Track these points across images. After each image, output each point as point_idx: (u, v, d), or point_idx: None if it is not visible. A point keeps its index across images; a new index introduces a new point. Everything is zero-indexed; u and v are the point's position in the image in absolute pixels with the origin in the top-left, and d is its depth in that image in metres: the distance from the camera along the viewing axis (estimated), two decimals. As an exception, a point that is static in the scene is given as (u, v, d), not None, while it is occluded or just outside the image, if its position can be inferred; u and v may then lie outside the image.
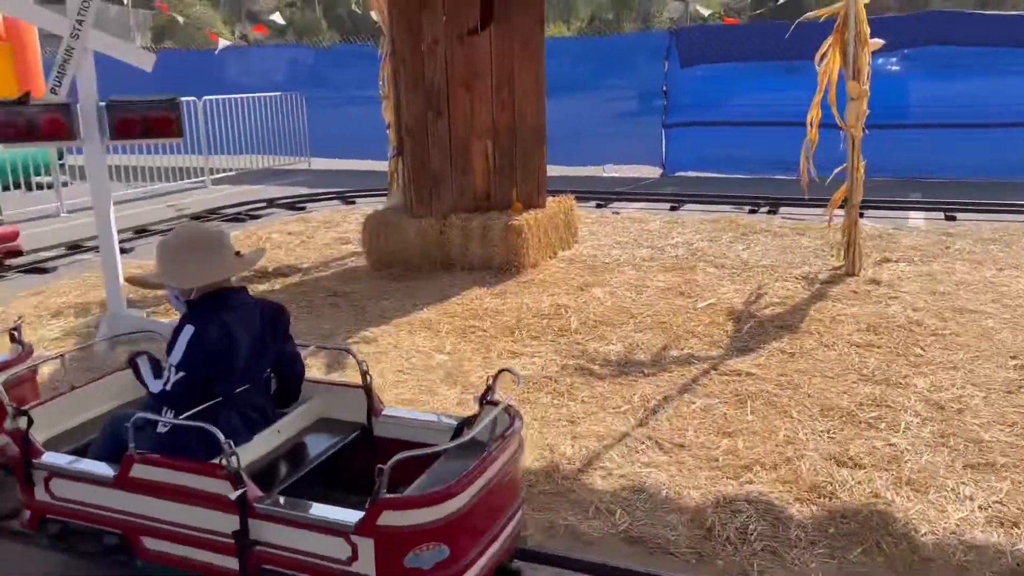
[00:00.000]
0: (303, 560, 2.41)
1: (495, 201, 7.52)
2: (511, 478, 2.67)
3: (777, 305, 5.88)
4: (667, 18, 41.91)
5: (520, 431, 2.72)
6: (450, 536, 2.34)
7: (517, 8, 7.16)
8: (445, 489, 2.33)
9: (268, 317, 2.88)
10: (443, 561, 2.33)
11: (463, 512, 2.36)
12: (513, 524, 2.71)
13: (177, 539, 2.60)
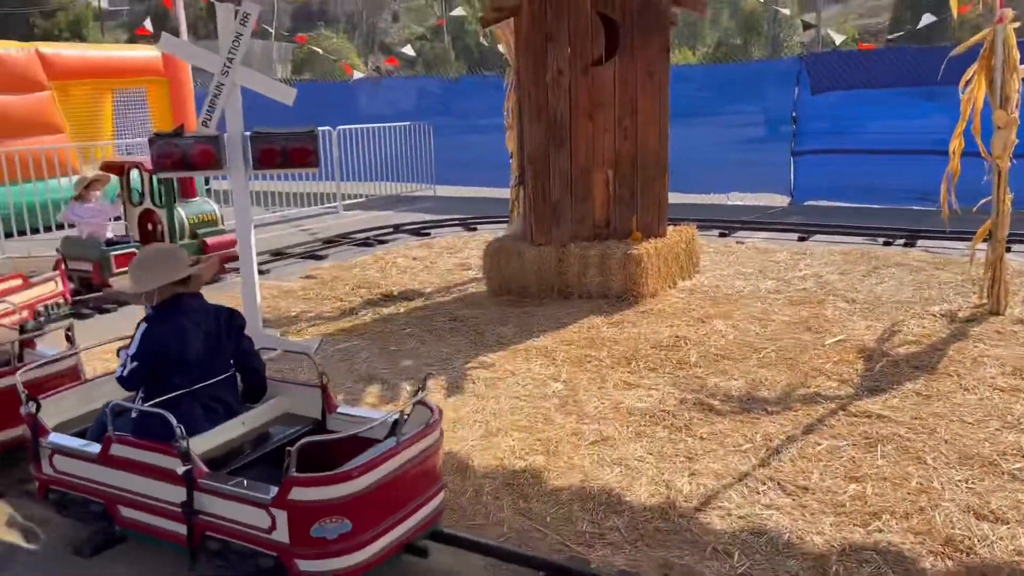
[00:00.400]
0: (236, 528, 2.87)
1: (615, 230, 7.51)
2: (424, 467, 3.06)
3: (913, 344, 5.58)
4: (797, 43, 40.81)
5: (436, 428, 3.13)
6: (352, 512, 2.75)
7: (642, 39, 7.17)
8: (346, 471, 2.76)
9: (223, 319, 3.45)
10: (346, 533, 2.74)
11: (365, 492, 2.77)
12: (427, 508, 3.10)
13: (144, 508, 3.12)
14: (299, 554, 2.75)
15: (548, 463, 3.98)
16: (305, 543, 2.73)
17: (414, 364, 5.60)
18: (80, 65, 13.19)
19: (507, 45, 8.03)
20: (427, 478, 3.10)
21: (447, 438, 4.28)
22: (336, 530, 2.73)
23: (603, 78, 7.20)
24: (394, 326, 6.60)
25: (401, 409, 3.02)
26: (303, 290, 8.01)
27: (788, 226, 10.64)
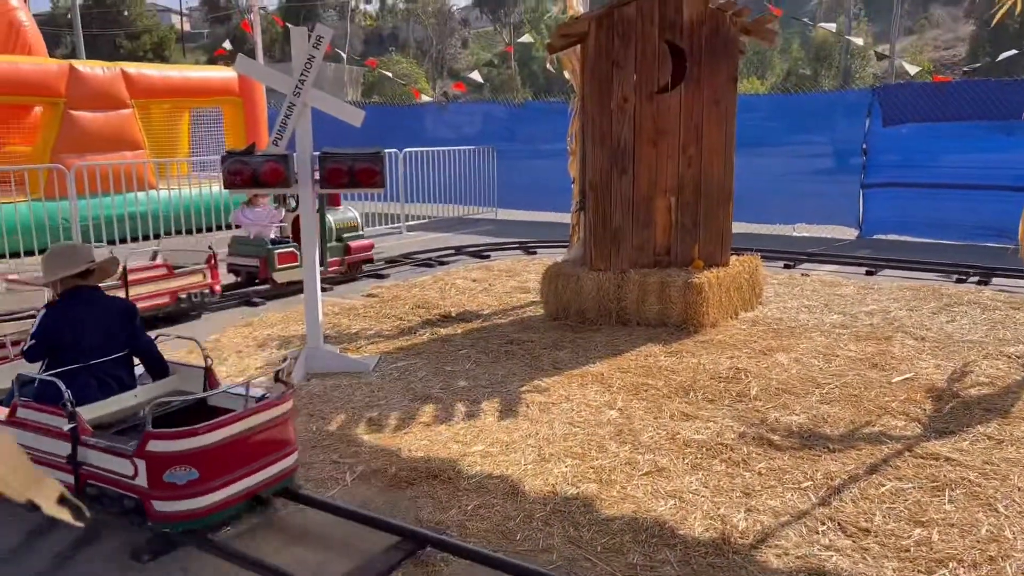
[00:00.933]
0: (108, 476, 3.41)
1: (676, 258, 7.44)
2: (272, 432, 3.65)
3: (985, 385, 5.36)
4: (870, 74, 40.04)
5: (284, 401, 3.70)
6: (198, 462, 3.33)
7: (710, 67, 7.13)
8: (193, 429, 3.33)
9: (118, 310, 4.06)
10: (193, 480, 3.33)
11: (211, 447, 3.36)
12: (276, 467, 3.69)
13: (43, 463, 3.50)
14: (154, 496, 3.32)
15: (601, 492, 3.93)
16: (159, 487, 3.31)
17: (469, 385, 5.62)
18: (160, 84, 13.73)
19: (573, 71, 8.07)
20: (275, 442, 3.70)
21: (499, 461, 4.29)
22: (185, 477, 3.32)
23: (668, 105, 7.17)
24: (451, 347, 6.63)
25: (246, 383, 3.67)
26: (364, 308, 8.12)
27: (855, 260, 10.38)
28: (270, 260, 8.79)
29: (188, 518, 3.37)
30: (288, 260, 8.84)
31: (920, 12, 52.12)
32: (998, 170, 11.67)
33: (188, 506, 3.34)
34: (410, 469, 4.23)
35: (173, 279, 7.21)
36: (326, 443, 4.65)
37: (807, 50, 44.16)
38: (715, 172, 7.33)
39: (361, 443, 4.63)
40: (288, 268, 8.84)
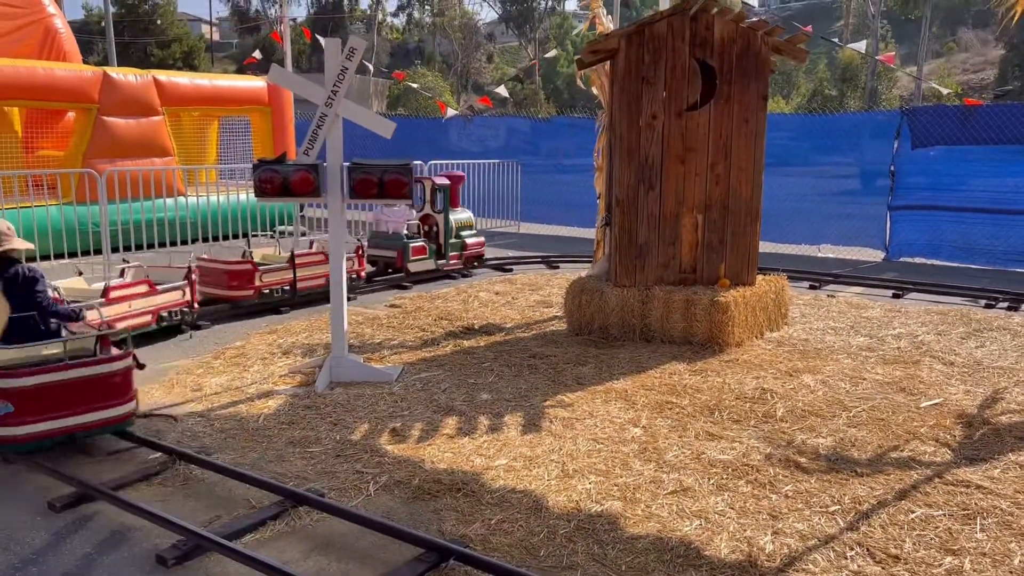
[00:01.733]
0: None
1: (701, 276, 7.40)
2: (95, 384, 4.46)
3: (1016, 413, 5.28)
4: (896, 96, 39.80)
5: (112, 361, 4.54)
6: (12, 399, 4.24)
7: (740, 85, 7.12)
8: (11, 370, 4.26)
9: (22, 276, 4.60)
10: (8, 414, 4.24)
11: (27, 388, 4.26)
12: (98, 414, 4.49)
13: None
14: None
15: (625, 510, 3.90)
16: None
17: (491, 398, 5.60)
18: (191, 93, 13.89)
19: (601, 87, 8.08)
20: (99, 392, 4.48)
21: (522, 476, 4.27)
22: (3, 409, 4.23)
23: (697, 123, 7.16)
24: (474, 359, 6.63)
25: (66, 340, 4.52)
26: (387, 318, 8.14)
27: (882, 282, 10.29)
28: (405, 252, 10.28)
29: (6, 442, 4.30)
30: (419, 252, 10.43)
31: (948, 35, 51.80)
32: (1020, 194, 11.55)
33: (5, 432, 4.26)
34: (433, 481, 4.22)
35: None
36: (349, 452, 4.65)
37: (833, 70, 43.97)
38: (743, 191, 7.30)
39: (384, 453, 4.62)
40: (419, 259, 10.44)
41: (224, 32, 67.70)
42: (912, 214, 12.60)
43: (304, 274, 8.77)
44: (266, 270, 8.48)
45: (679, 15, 6.99)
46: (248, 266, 8.36)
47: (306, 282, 8.80)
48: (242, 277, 8.32)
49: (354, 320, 7.97)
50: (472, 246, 11.12)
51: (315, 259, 8.89)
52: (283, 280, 8.64)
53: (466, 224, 11.18)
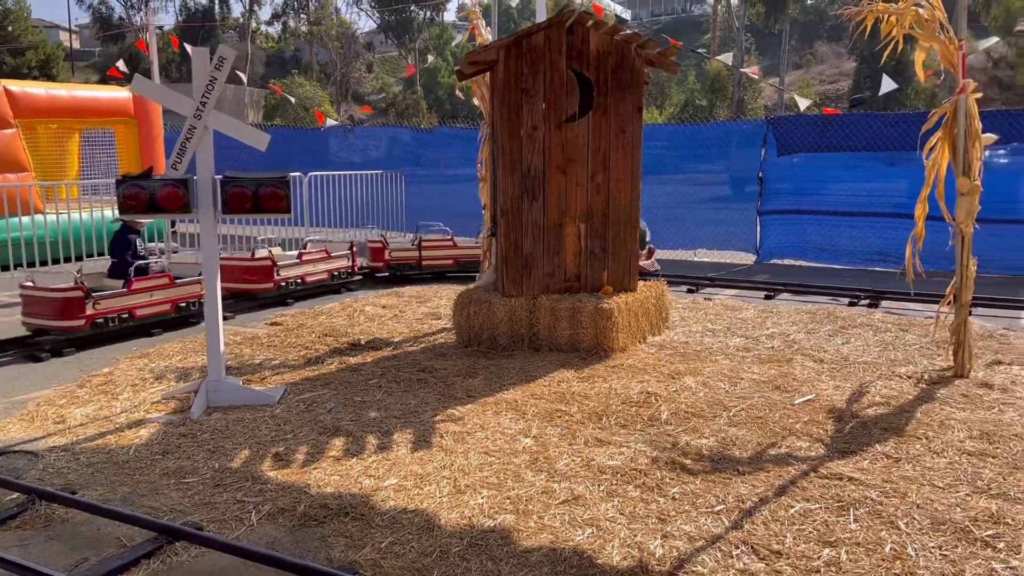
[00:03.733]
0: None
1: (586, 283, 7.51)
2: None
3: (881, 405, 5.60)
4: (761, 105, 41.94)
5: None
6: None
7: (616, 97, 7.28)
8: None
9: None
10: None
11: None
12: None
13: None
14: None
15: (518, 523, 3.87)
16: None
17: (380, 416, 5.48)
18: (48, 104, 13.04)
19: (482, 98, 8.10)
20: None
21: (413, 495, 4.18)
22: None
23: (577, 133, 7.27)
24: (361, 376, 6.47)
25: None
26: (268, 337, 7.86)
27: (754, 284, 10.76)
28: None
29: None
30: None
31: (806, 48, 55.03)
32: (881, 198, 12.37)
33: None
34: (320, 506, 4.07)
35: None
36: (229, 481, 4.43)
37: (702, 82, 45.91)
38: (622, 199, 7.46)
39: (267, 480, 4.43)
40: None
41: (85, 40, 64.11)
42: (780, 218, 13.26)
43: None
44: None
45: (555, 27, 7.09)
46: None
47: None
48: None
49: (232, 340, 7.65)
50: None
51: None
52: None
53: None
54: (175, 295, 8.33)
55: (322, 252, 10.52)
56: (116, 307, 7.81)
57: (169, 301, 8.26)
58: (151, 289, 8.11)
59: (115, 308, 7.80)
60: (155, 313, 8.18)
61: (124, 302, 7.87)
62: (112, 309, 7.78)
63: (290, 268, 9.96)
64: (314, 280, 10.29)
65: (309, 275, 10.22)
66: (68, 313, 7.46)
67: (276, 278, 9.74)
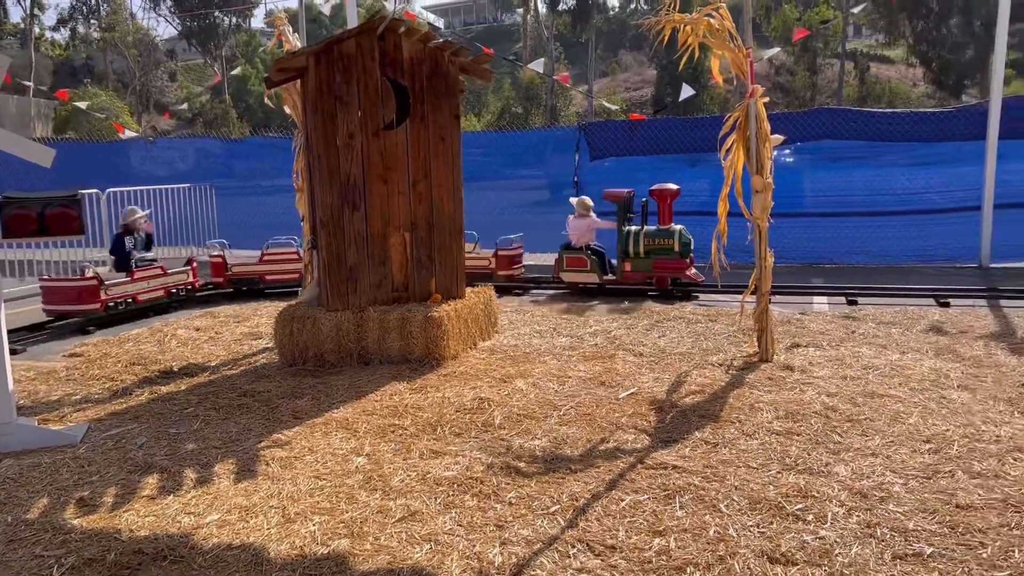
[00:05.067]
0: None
1: (414, 293, 7.43)
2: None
3: (697, 393, 5.92)
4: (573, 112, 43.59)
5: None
6: None
7: (433, 104, 7.26)
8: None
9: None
10: None
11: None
12: None
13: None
14: None
15: (353, 547, 3.73)
16: None
17: (198, 448, 5.12)
18: None
19: (294, 107, 7.82)
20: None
21: (238, 529, 3.93)
22: None
23: (395, 141, 7.18)
24: (174, 406, 6.04)
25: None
26: (67, 370, 7.16)
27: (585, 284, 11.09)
28: (560, 262, 10.41)
29: None
30: (576, 264, 10.37)
31: (611, 57, 57.81)
32: (687, 198, 13.13)
33: None
34: (133, 552, 3.73)
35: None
36: (25, 535, 3.97)
37: (517, 90, 47.07)
38: (446, 207, 7.45)
39: (70, 529, 4.01)
40: (576, 271, 10.37)
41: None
42: (597, 220, 13.77)
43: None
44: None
45: (367, 34, 6.96)
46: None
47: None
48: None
49: (24, 376, 6.91)
50: (660, 267, 10.12)
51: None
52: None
53: (663, 245, 10.14)
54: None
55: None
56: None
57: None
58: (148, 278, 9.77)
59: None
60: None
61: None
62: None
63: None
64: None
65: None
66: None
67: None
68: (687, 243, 10.15)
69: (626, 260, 10.27)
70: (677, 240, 10.10)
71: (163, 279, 10.11)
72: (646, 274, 10.21)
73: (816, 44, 40.45)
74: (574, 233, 10.59)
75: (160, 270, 10.06)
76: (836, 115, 13.16)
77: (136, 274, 9.66)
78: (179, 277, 10.41)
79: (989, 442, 4.68)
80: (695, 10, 6.58)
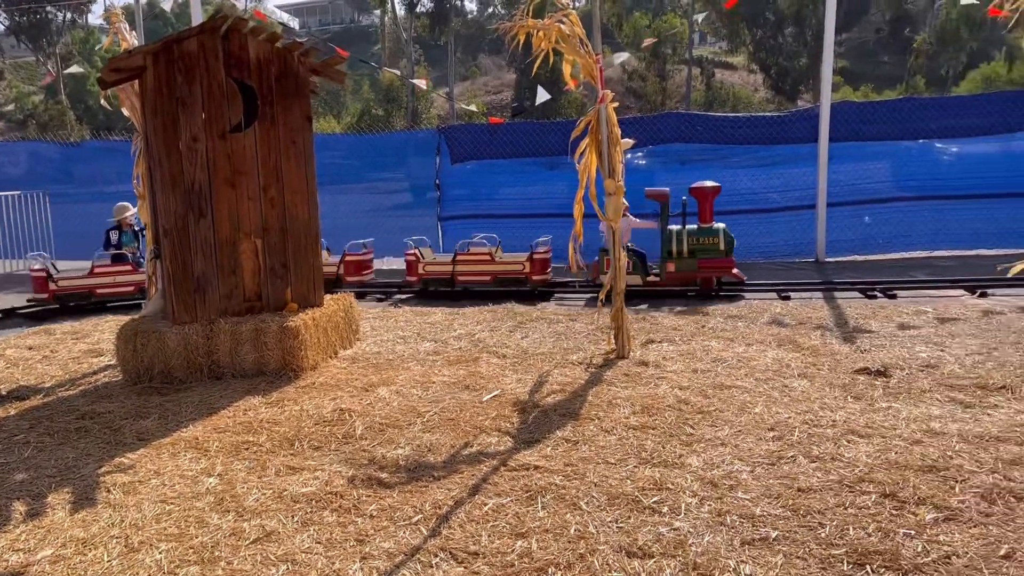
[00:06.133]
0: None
1: (268, 302, 7.16)
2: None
3: (559, 392, 6.01)
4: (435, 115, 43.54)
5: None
6: None
7: (282, 106, 7.01)
8: None
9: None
10: None
11: None
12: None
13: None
14: None
15: (204, 573, 3.53)
16: None
17: (29, 477, 4.71)
18: None
19: (132, 108, 7.36)
20: None
21: (75, 564, 3.64)
22: None
23: (243, 145, 6.89)
24: (2, 433, 5.53)
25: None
26: None
27: (443, 289, 11.06)
28: (600, 260, 10.01)
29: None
30: (602, 266, 10.07)
31: (471, 60, 58.18)
32: (546, 200, 13.42)
33: None
34: (-50, 600, 3.38)
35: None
36: None
37: (377, 92, 46.51)
38: (299, 212, 7.22)
39: None
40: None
41: None
42: (459, 223, 13.83)
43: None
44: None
45: (210, 33, 6.65)
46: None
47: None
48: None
49: None
50: (706, 266, 9.91)
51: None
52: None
53: (708, 244, 9.94)
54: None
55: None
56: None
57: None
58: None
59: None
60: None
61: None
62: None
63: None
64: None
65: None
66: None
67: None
68: (731, 241, 10.05)
69: (670, 260, 10.01)
70: (722, 238, 10.00)
71: None
72: (691, 274, 10.01)
73: (665, 50, 42.27)
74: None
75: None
76: (683, 119, 13.77)
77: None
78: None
79: (826, 427, 5.00)
80: (548, 15, 6.69)
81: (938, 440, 4.66)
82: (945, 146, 12.97)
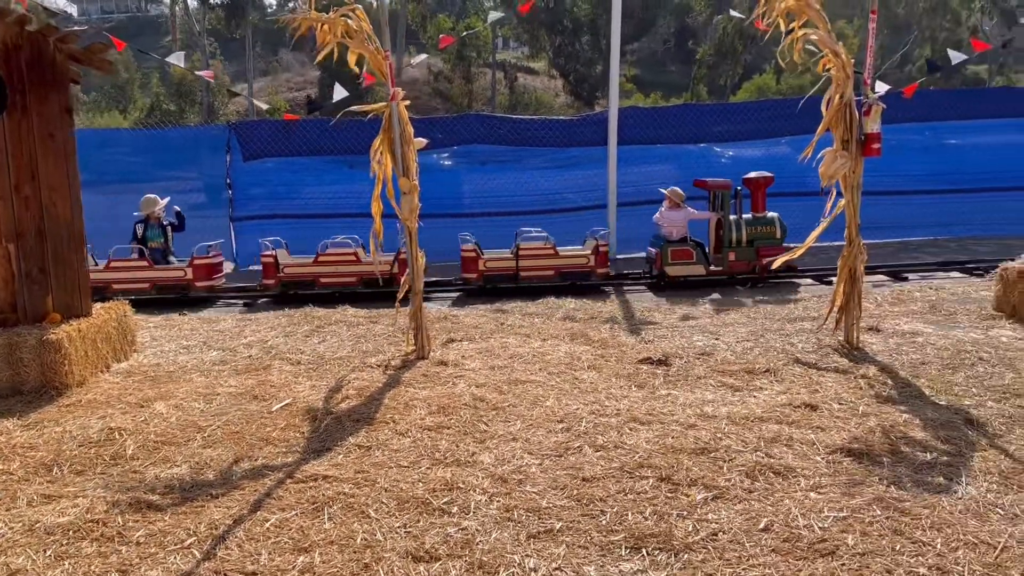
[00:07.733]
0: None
1: (25, 314, 6.43)
2: None
3: (354, 397, 5.83)
4: (233, 111, 41.49)
5: None
6: None
7: (37, 97, 6.32)
8: None
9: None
10: None
11: None
12: None
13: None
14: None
15: (-75, 629, 3.06)
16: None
17: None
18: None
19: None
20: None
21: None
22: None
23: (-10, 138, 6.13)
24: None
25: None
26: None
27: (236, 295, 10.49)
28: (664, 254, 10.07)
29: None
30: (680, 256, 10.07)
31: (272, 56, 55.98)
32: (347, 199, 13.11)
33: None
34: None
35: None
36: None
37: (168, 86, 43.61)
38: (60, 212, 6.54)
39: None
40: (680, 263, 10.10)
41: None
42: (255, 224, 13.19)
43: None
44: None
45: (-57, 10, 5.86)
46: None
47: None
48: None
49: None
50: (765, 253, 10.04)
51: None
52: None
53: (765, 233, 10.24)
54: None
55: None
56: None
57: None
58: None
59: None
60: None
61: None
62: None
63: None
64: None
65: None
66: None
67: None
68: (786, 229, 10.33)
69: (731, 250, 10.21)
70: (778, 227, 10.32)
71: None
72: (751, 262, 10.25)
73: (470, 53, 42.83)
74: (670, 225, 10.32)
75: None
76: (484, 121, 13.96)
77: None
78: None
79: (611, 416, 5.19)
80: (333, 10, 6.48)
81: (710, 423, 4.97)
82: (723, 150, 14.03)
